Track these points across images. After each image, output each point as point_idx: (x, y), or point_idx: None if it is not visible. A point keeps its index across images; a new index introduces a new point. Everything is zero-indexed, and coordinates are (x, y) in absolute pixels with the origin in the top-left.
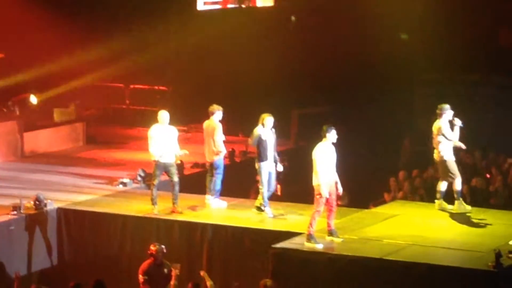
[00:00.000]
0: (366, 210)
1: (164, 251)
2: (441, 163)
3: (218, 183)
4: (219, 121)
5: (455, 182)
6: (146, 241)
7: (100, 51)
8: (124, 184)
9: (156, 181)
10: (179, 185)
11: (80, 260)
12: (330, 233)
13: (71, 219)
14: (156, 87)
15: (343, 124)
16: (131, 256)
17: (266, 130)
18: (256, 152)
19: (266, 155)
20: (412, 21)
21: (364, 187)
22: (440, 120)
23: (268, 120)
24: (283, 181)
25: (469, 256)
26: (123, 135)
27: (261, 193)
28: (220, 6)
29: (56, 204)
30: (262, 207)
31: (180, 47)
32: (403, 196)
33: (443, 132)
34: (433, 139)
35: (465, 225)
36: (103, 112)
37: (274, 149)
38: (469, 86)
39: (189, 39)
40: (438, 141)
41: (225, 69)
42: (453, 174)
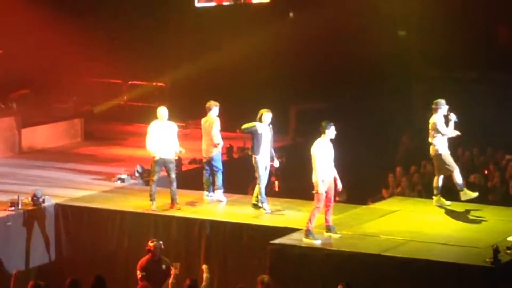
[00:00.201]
0: (364, 206)
1: (162, 247)
2: (437, 157)
3: (220, 179)
4: (216, 116)
5: (455, 175)
6: (144, 237)
7: (98, 47)
8: (122, 180)
9: (155, 177)
10: (176, 181)
11: (78, 256)
12: (328, 229)
13: (69, 215)
14: (154, 83)
15: (341, 120)
16: (129, 252)
17: (263, 125)
18: (250, 145)
19: (259, 149)
20: (410, 18)
21: (362, 183)
22: (435, 115)
23: (266, 116)
24: (281, 177)
25: (467, 252)
26: (121, 131)
27: (258, 188)
28: (215, 3)
29: (54, 200)
30: (259, 204)
31: (179, 43)
32: (401, 192)
33: (437, 127)
34: (429, 134)
35: (463, 221)
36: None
37: (271, 145)
38: (467, 83)
39: (187, 36)
40: (433, 136)
41: (223, 65)
42: (450, 166)
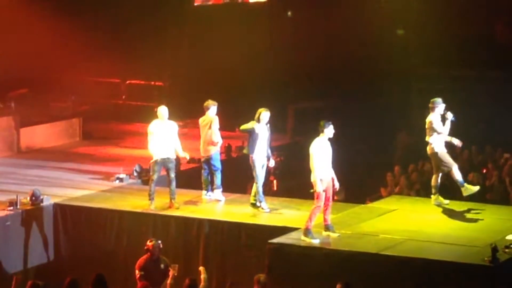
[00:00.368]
0: (362, 205)
1: (161, 246)
2: (434, 156)
3: (218, 178)
4: (215, 115)
5: (453, 172)
6: (143, 236)
7: (97, 46)
8: (121, 179)
9: (155, 176)
10: (175, 180)
11: (77, 255)
12: (327, 228)
13: (67, 214)
14: (152, 83)
15: (339, 119)
16: (127, 251)
17: (261, 124)
18: (246, 144)
19: (254, 148)
20: (408, 17)
21: (361, 182)
22: (432, 114)
23: (264, 115)
24: (279, 176)
25: (465, 251)
26: (119, 130)
27: (256, 188)
28: (213, 2)
29: (52, 200)
30: (257, 203)
31: (177, 43)
32: (400, 191)
33: (433, 125)
34: (426, 133)
35: (461, 220)
36: (99, 108)
37: (268, 144)
38: (466, 81)
39: (186, 35)
40: (430, 135)
41: (222, 64)
42: (448, 163)
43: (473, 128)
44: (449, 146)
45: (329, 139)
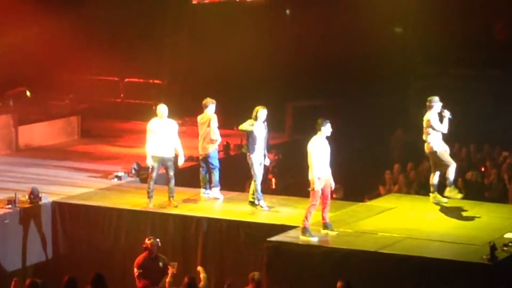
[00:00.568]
0: (361, 203)
1: (159, 244)
2: (432, 154)
3: (216, 176)
4: (213, 113)
5: (449, 170)
6: (141, 234)
7: (95, 44)
8: (119, 177)
9: (153, 174)
10: (174, 179)
11: (75, 253)
12: (325, 226)
13: (66, 212)
14: (151, 81)
15: (338, 117)
16: (126, 249)
17: (259, 122)
18: (245, 143)
19: (254, 147)
20: (406, 15)
21: (359, 180)
22: (430, 112)
23: (261, 113)
24: (278, 174)
25: (464, 249)
26: (118, 129)
27: (255, 186)
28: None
29: (51, 198)
30: (256, 201)
31: (175, 41)
32: (398, 189)
33: (432, 124)
34: (424, 131)
35: (460, 218)
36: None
37: (265, 142)
38: (464, 80)
39: (184, 33)
40: (428, 134)
41: (220, 62)
42: (447, 161)
43: (472, 126)
44: (447, 144)
45: (327, 137)
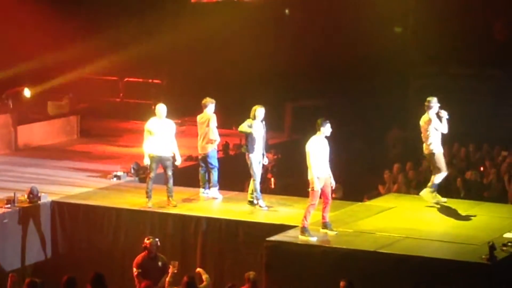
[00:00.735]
0: (360, 203)
1: (158, 244)
2: (430, 156)
3: (215, 176)
4: (213, 113)
5: (439, 175)
6: (140, 234)
7: (94, 44)
8: (118, 177)
9: (152, 174)
10: (172, 178)
11: (74, 253)
12: (324, 226)
13: (65, 212)
14: (150, 80)
15: (337, 117)
16: (125, 249)
17: (257, 122)
18: (244, 143)
19: (254, 147)
20: (406, 15)
21: (358, 180)
22: (429, 113)
23: (259, 112)
24: (277, 174)
25: (463, 249)
26: (117, 128)
27: (254, 185)
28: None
29: (50, 197)
30: (254, 201)
31: (174, 40)
32: (398, 189)
33: (433, 124)
34: (422, 132)
35: (459, 218)
36: (96, 105)
37: (264, 142)
38: (464, 79)
39: (183, 32)
40: (428, 135)
41: (219, 62)
42: (441, 168)
43: (471, 126)
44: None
45: (327, 137)
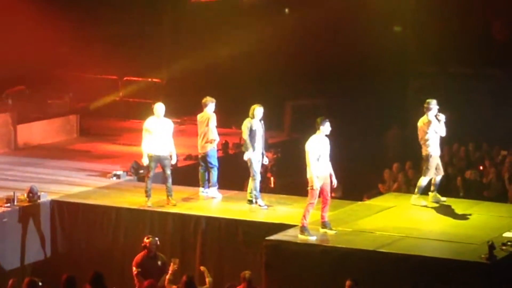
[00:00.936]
0: (359, 202)
1: (158, 243)
2: (426, 157)
3: (214, 175)
4: (213, 112)
5: (425, 178)
6: (140, 233)
7: (94, 43)
8: (118, 176)
9: (150, 173)
10: (172, 177)
11: (74, 252)
12: (324, 225)
13: (64, 211)
14: (150, 79)
15: (337, 116)
16: (124, 248)
17: (256, 120)
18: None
19: (254, 145)
20: (405, 14)
21: (358, 179)
22: (428, 115)
23: (258, 111)
24: (277, 173)
25: (462, 248)
26: (116, 127)
27: (254, 184)
28: None
29: (49, 196)
30: (254, 200)
31: (174, 39)
32: (398, 188)
33: (433, 126)
34: (420, 134)
35: (459, 217)
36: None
37: (263, 141)
38: (463, 79)
39: (183, 31)
40: (427, 137)
41: (218, 61)
42: (429, 171)
43: (471, 125)
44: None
45: (326, 136)
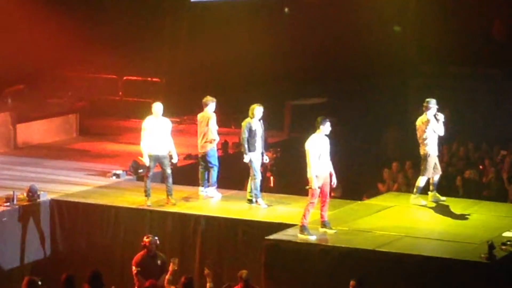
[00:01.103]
0: (359, 202)
1: (157, 242)
2: (424, 157)
3: (214, 175)
4: (213, 112)
5: (422, 179)
6: (139, 232)
7: (93, 42)
8: (117, 175)
9: (150, 173)
10: (172, 177)
11: (73, 251)
12: (323, 224)
13: (64, 210)
14: (149, 79)
15: (336, 115)
16: (124, 247)
17: (255, 120)
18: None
19: (254, 145)
20: (405, 14)
21: (357, 178)
22: (427, 114)
23: (258, 110)
24: (276, 172)
25: (462, 247)
26: (116, 126)
27: (254, 183)
28: None
29: (49, 196)
30: (253, 199)
31: (174, 39)
32: (397, 187)
33: (431, 125)
34: (418, 133)
35: (458, 216)
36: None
37: (262, 140)
38: (463, 78)
39: (183, 31)
40: (425, 136)
41: (218, 60)
42: (427, 170)
43: (470, 125)
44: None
45: (326, 135)
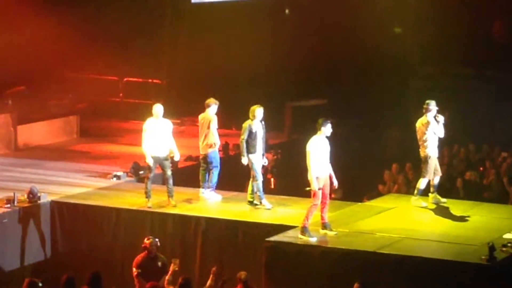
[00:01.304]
0: (359, 204)
1: (158, 244)
2: (425, 159)
3: (215, 176)
4: (214, 114)
5: (423, 180)
6: (140, 234)
7: (94, 43)
8: (118, 177)
9: (150, 174)
10: (172, 178)
11: (74, 253)
12: (324, 226)
13: (64, 212)
14: (150, 80)
15: (337, 117)
16: (124, 249)
17: (256, 121)
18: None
19: (255, 147)
20: (406, 15)
21: (358, 180)
22: (428, 116)
23: (258, 112)
24: (277, 174)
25: (463, 249)
26: (117, 128)
27: (257, 185)
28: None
29: (49, 197)
30: (255, 201)
31: (175, 40)
32: (398, 189)
33: (431, 127)
34: (418, 135)
35: (459, 218)
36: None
37: (263, 141)
38: (463, 80)
39: (184, 32)
40: (425, 138)
41: (219, 62)
42: (428, 172)
43: (471, 127)
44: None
45: (327, 137)
